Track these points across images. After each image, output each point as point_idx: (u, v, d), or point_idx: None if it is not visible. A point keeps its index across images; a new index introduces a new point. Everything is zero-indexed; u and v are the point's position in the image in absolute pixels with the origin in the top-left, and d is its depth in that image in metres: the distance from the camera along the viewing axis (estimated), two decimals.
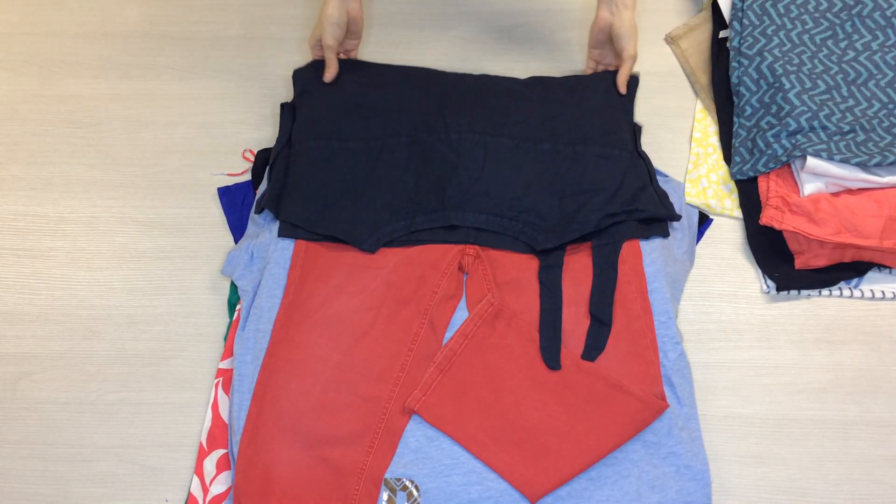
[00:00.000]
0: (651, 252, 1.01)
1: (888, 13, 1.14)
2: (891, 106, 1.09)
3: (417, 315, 0.99)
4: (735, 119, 1.13)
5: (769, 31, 1.13)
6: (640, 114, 1.16)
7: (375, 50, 1.24)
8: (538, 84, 1.14)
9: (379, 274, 1.00)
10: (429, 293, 1.00)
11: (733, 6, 1.17)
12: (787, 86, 1.09)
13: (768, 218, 1.04)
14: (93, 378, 1.03)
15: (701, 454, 0.94)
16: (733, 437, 0.99)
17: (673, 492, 0.91)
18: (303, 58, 1.21)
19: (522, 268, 1.01)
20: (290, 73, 1.12)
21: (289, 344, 0.96)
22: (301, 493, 0.91)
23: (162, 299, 1.07)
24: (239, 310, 1.02)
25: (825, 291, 1.06)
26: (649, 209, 1.02)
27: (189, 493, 0.95)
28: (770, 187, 1.06)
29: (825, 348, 1.03)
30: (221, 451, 0.97)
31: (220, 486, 0.95)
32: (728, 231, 1.10)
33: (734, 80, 1.14)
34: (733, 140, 1.12)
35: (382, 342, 0.97)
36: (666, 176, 1.10)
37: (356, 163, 1.05)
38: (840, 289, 1.05)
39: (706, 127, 1.16)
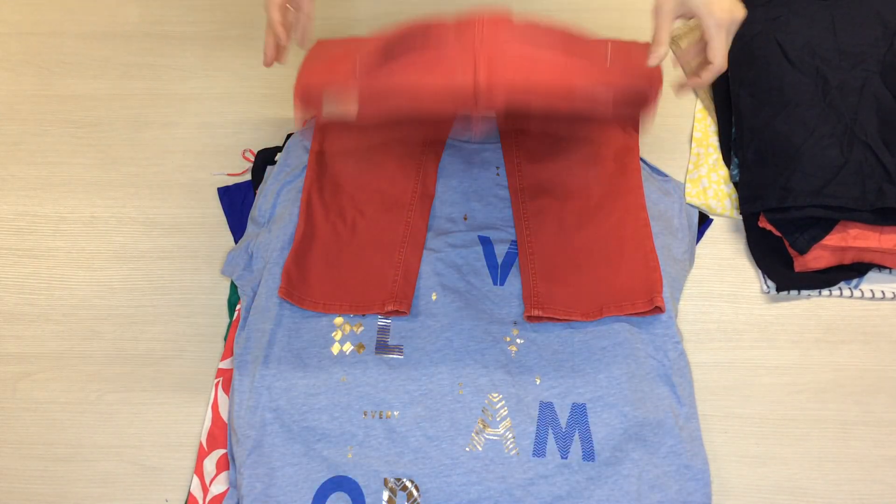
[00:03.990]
0: None
1: None
2: None
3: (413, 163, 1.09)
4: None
5: None
6: None
7: None
8: None
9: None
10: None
11: None
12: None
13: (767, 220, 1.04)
14: (93, 378, 1.03)
15: (701, 454, 0.94)
16: (733, 437, 0.99)
17: (673, 491, 0.91)
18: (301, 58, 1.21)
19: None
20: (290, 73, 1.11)
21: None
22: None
23: (162, 299, 1.07)
24: (239, 310, 1.02)
25: (825, 291, 1.06)
26: None
27: (189, 493, 0.95)
28: None
29: (825, 348, 1.03)
30: (221, 451, 0.97)
31: (220, 486, 0.95)
32: (728, 231, 1.10)
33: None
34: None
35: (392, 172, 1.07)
36: (666, 176, 1.10)
37: None
38: (840, 289, 1.05)
39: (706, 127, 1.16)
